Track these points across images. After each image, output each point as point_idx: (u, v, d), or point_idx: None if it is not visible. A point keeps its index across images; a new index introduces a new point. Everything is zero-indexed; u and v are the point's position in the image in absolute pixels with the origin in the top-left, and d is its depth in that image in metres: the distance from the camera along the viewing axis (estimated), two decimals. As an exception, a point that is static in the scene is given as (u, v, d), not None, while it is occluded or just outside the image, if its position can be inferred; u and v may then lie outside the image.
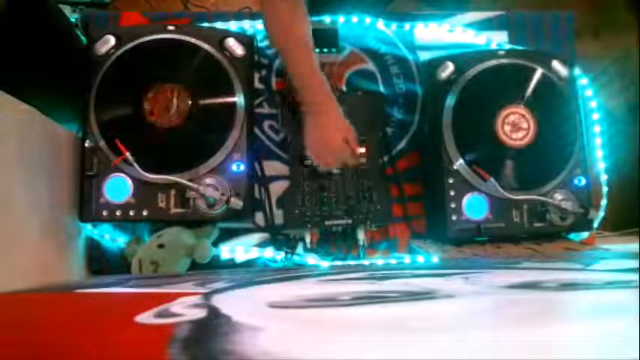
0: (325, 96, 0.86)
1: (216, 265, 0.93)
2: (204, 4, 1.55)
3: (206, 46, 0.91)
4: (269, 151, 1.00)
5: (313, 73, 0.84)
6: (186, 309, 0.40)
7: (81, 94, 0.89)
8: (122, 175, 0.86)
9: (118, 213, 0.86)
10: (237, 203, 0.86)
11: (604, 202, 1.04)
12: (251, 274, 0.81)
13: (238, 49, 0.92)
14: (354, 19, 1.04)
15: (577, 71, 1.02)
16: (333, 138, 0.86)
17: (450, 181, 0.91)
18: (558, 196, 0.91)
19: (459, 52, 0.99)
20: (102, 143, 0.87)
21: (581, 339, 0.31)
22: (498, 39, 1.07)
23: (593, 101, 1.06)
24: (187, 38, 0.91)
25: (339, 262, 0.95)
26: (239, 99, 0.90)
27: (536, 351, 0.29)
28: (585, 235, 0.99)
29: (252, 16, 1.03)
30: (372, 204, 0.92)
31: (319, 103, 0.86)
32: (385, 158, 0.99)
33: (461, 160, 0.92)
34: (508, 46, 1.05)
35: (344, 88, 1.02)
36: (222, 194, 0.86)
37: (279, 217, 0.96)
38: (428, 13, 1.10)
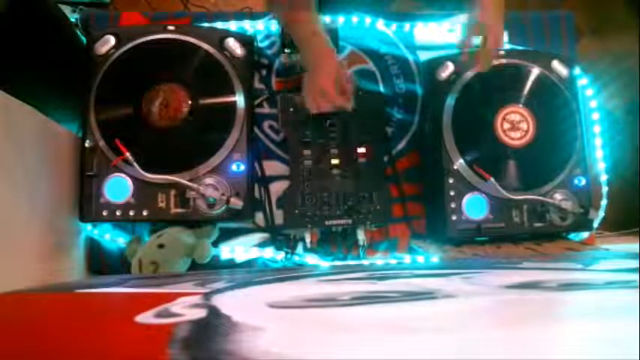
0: (324, 52, 0.84)
1: (216, 265, 0.93)
2: (204, 4, 1.56)
3: (206, 46, 0.91)
4: (269, 151, 1.00)
5: (314, 33, 0.83)
6: (186, 309, 0.40)
7: (81, 94, 0.89)
8: (122, 175, 0.86)
9: (118, 213, 0.86)
10: (237, 203, 0.86)
11: (604, 202, 1.04)
12: (251, 274, 0.81)
13: (238, 49, 0.92)
14: (354, 19, 1.04)
15: (577, 71, 1.02)
16: (324, 80, 0.83)
17: (450, 181, 0.91)
18: (558, 196, 0.91)
19: (459, 52, 0.99)
20: (102, 143, 0.87)
21: (581, 339, 0.31)
22: (498, 39, 1.06)
23: (593, 101, 1.06)
24: (187, 38, 0.91)
25: (339, 262, 0.95)
26: (239, 99, 0.91)
27: (536, 351, 0.29)
28: (585, 235, 0.99)
29: (253, 16, 1.03)
30: (372, 204, 0.92)
31: (318, 59, 0.85)
32: (385, 158, 0.99)
33: (461, 160, 0.92)
34: (508, 46, 1.05)
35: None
36: (222, 194, 0.86)
37: (279, 217, 0.96)
38: (428, 13, 1.10)
